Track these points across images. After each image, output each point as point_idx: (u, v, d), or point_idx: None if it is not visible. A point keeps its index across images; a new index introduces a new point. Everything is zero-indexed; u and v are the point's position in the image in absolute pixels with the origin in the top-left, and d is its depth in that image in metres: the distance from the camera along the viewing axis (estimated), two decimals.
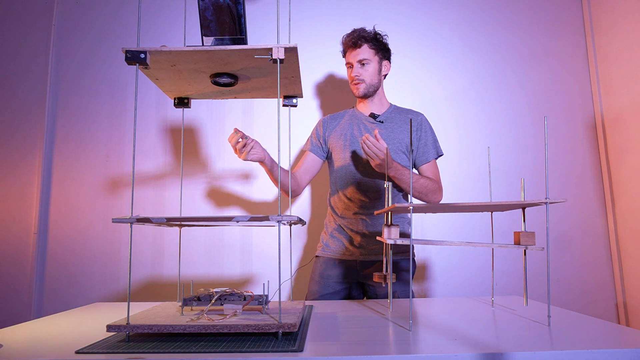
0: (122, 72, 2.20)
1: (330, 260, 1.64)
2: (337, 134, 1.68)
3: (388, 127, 1.64)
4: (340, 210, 1.65)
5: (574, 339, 0.84)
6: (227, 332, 0.85)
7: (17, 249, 2.09)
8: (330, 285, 1.61)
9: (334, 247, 1.64)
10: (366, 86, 1.63)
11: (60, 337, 0.92)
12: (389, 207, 1.02)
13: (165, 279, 2.08)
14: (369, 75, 1.62)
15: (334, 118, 1.74)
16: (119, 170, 2.15)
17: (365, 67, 1.62)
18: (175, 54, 0.92)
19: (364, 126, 1.66)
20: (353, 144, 1.64)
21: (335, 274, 1.61)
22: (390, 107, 1.70)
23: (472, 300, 1.34)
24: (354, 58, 1.62)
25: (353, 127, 1.67)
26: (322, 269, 1.63)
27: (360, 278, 1.61)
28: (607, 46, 2.14)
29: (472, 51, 2.23)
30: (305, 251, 2.11)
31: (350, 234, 1.62)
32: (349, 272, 1.61)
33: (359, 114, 1.70)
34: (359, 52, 1.61)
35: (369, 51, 1.62)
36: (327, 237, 1.68)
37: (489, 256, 2.01)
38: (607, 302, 2.09)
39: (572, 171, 2.17)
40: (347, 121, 1.70)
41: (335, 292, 1.60)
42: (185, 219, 0.91)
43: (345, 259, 1.62)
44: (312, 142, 1.73)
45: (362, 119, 1.68)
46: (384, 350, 0.79)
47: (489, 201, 1.21)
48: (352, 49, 1.62)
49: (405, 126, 1.64)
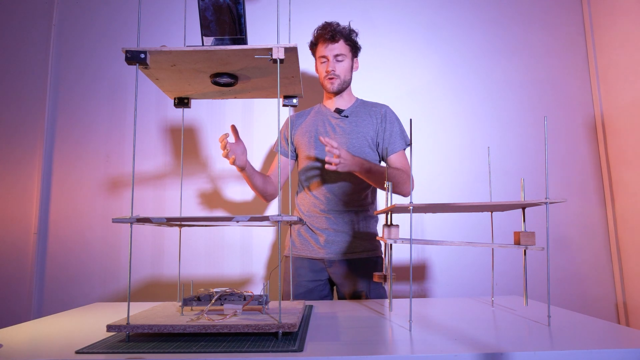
0: (122, 72, 2.20)
1: (299, 260, 1.62)
2: (302, 131, 1.67)
3: (353, 121, 1.63)
4: (307, 207, 1.63)
5: (574, 339, 0.84)
6: (227, 332, 0.85)
7: (17, 249, 2.09)
8: (302, 284, 1.59)
9: (301, 246, 1.62)
10: (340, 82, 1.61)
11: (60, 337, 0.92)
12: (389, 207, 1.02)
13: (165, 279, 2.08)
14: (343, 71, 1.61)
15: (299, 116, 1.73)
16: (119, 170, 2.14)
17: (341, 63, 1.60)
18: (175, 54, 0.92)
19: (329, 122, 1.65)
20: (318, 141, 1.62)
21: (304, 273, 1.60)
22: (356, 102, 1.69)
23: (472, 300, 1.34)
24: (330, 52, 1.59)
25: (318, 123, 1.66)
26: (292, 269, 1.60)
27: (329, 276, 1.61)
28: (607, 46, 2.14)
29: (472, 51, 2.23)
30: None
31: (316, 233, 1.60)
32: (318, 271, 1.60)
33: (325, 109, 1.69)
34: (336, 46, 1.59)
35: (345, 47, 1.60)
36: (294, 234, 1.66)
37: (489, 256, 2.01)
38: (607, 302, 2.09)
39: (572, 171, 2.17)
40: (312, 118, 1.69)
41: (308, 291, 1.58)
42: (185, 219, 0.91)
43: (312, 257, 1.60)
44: (279, 143, 1.70)
45: (328, 115, 1.66)
46: (384, 350, 0.79)
47: (489, 201, 1.21)
48: (329, 42, 1.59)
49: (369, 119, 1.63)
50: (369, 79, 2.19)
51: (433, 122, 2.19)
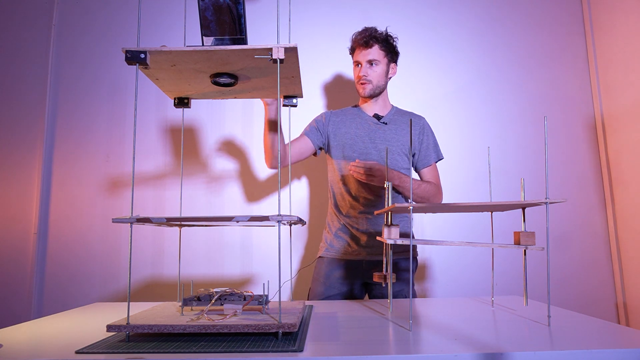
0: (122, 72, 2.20)
1: (335, 261, 1.62)
2: (342, 131, 1.66)
3: (392, 128, 1.63)
4: (345, 209, 1.63)
5: (574, 339, 0.84)
6: (227, 332, 0.85)
7: (17, 249, 2.09)
8: (335, 286, 1.59)
9: (339, 247, 1.62)
10: (372, 87, 1.62)
11: (60, 337, 0.92)
12: (389, 207, 1.02)
13: (165, 279, 2.08)
14: (376, 76, 1.61)
15: (336, 114, 1.71)
16: (119, 170, 2.15)
17: (374, 68, 1.60)
18: (175, 54, 0.92)
19: (368, 126, 1.65)
20: (357, 144, 1.62)
21: (340, 274, 1.60)
22: (392, 109, 1.70)
23: (472, 300, 1.34)
24: (364, 57, 1.60)
25: (358, 126, 1.65)
26: (327, 269, 1.61)
27: (365, 278, 1.60)
28: (607, 46, 2.14)
29: (472, 51, 2.23)
30: (307, 251, 2.11)
31: (355, 233, 1.60)
32: (354, 272, 1.60)
33: (363, 113, 1.68)
34: (370, 52, 1.59)
35: (379, 52, 1.60)
36: (331, 236, 1.65)
37: (489, 256, 2.01)
38: (607, 302, 2.09)
39: (572, 171, 2.17)
40: (351, 119, 1.68)
41: (339, 293, 1.59)
42: (185, 219, 0.91)
43: (350, 259, 1.60)
44: (311, 127, 1.68)
45: (366, 119, 1.66)
46: (384, 350, 0.79)
47: (489, 201, 1.21)
48: (363, 48, 1.60)
49: (407, 129, 1.64)
50: None
51: (433, 122, 2.17)
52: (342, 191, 1.64)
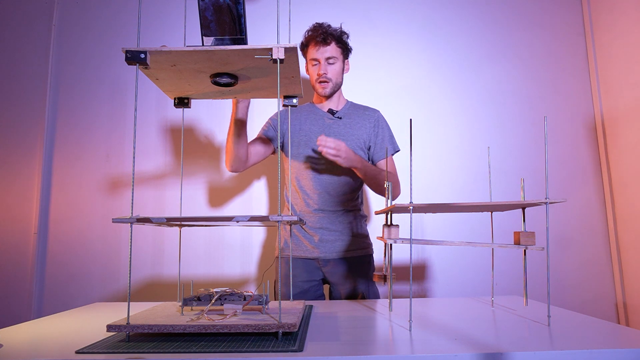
0: (122, 72, 2.20)
1: (293, 260, 1.59)
2: (296, 128, 1.65)
3: (346, 123, 1.62)
4: (299, 207, 1.62)
5: (574, 339, 0.84)
6: (227, 332, 0.85)
7: (17, 249, 2.09)
8: (297, 284, 1.57)
9: (294, 246, 1.61)
10: (332, 85, 1.60)
11: (60, 337, 0.92)
12: (389, 207, 1.02)
13: (165, 279, 2.08)
14: (335, 74, 1.60)
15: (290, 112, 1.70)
16: (119, 170, 2.15)
17: (333, 66, 1.59)
18: (176, 54, 0.92)
19: (323, 122, 1.63)
20: (312, 140, 1.61)
21: (299, 273, 1.58)
22: (347, 104, 1.69)
23: (472, 300, 1.34)
24: (322, 55, 1.57)
25: (312, 122, 1.64)
26: (286, 269, 1.57)
27: (322, 275, 1.60)
28: (607, 46, 2.14)
29: (471, 51, 2.23)
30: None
31: (309, 232, 1.59)
32: (312, 271, 1.59)
33: (317, 109, 1.67)
34: (328, 49, 1.57)
35: (337, 49, 1.59)
36: (286, 235, 1.63)
37: (489, 256, 2.01)
38: (607, 302, 2.09)
39: (572, 171, 2.17)
40: (305, 116, 1.67)
41: (302, 292, 1.57)
42: (185, 219, 0.91)
43: (306, 257, 1.59)
44: (269, 127, 1.66)
45: (321, 115, 1.65)
46: (384, 350, 0.79)
47: (489, 201, 1.21)
48: (321, 45, 1.57)
49: (362, 122, 1.63)
50: (369, 79, 2.19)
51: (433, 122, 2.19)
52: (296, 189, 1.63)
